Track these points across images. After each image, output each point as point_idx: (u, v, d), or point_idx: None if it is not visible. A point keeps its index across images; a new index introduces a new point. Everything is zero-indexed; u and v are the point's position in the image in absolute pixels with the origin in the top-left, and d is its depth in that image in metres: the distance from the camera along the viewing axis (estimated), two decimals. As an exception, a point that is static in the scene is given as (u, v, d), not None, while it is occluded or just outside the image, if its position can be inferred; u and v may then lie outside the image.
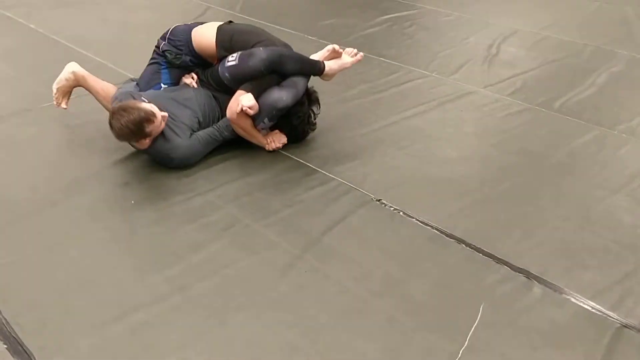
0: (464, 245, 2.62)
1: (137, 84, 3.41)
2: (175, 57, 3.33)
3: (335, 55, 3.38)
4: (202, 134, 3.18)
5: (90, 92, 3.46)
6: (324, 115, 3.48)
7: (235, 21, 3.46)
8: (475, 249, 2.60)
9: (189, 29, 3.35)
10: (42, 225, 2.69)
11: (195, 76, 3.40)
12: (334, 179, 3.09)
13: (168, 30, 3.40)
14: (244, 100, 3.06)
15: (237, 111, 3.07)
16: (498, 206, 2.92)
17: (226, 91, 3.24)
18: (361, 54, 3.43)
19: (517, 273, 2.47)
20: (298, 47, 3.40)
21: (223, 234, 2.67)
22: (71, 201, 2.87)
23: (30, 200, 2.85)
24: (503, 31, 5.44)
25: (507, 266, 2.51)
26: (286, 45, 3.31)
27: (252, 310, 2.25)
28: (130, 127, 2.85)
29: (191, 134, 3.15)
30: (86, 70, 3.47)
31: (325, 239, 2.63)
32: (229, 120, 3.18)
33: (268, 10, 5.98)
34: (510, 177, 3.16)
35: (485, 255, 2.56)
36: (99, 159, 3.21)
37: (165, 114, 3.00)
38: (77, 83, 3.45)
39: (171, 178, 3.07)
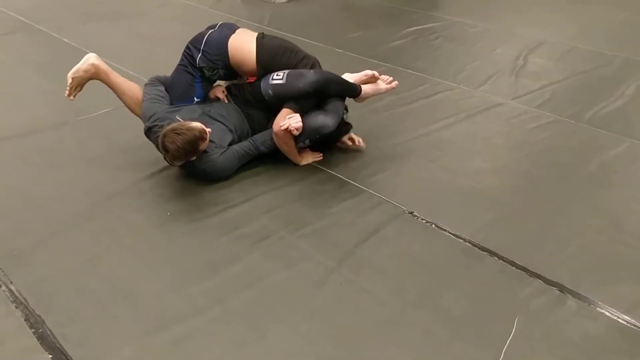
0: (496, 258, 2.64)
1: (165, 88, 3.36)
2: (213, 74, 3.31)
3: (372, 80, 3.43)
4: (237, 147, 3.23)
5: (111, 88, 3.36)
6: (355, 128, 3.51)
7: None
8: (508, 262, 2.61)
9: (224, 39, 3.28)
10: (82, 238, 2.76)
11: (225, 91, 3.42)
12: (365, 190, 3.12)
13: (202, 39, 3.30)
14: (292, 121, 3.10)
15: (284, 129, 3.11)
16: (530, 218, 2.92)
17: (262, 108, 3.29)
18: (396, 82, 3.48)
19: (551, 286, 2.48)
20: (325, 60, 3.46)
21: (258, 245, 2.71)
22: (110, 213, 2.94)
23: (71, 213, 2.93)
24: (530, 42, 5.44)
25: (541, 279, 2.52)
26: (316, 61, 3.36)
27: (290, 322, 2.28)
28: (186, 148, 2.90)
29: (226, 149, 3.20)
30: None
31: (359, 251, 2.66)
32: (272, 133, 3.20)
33: (295, 23, 6.05)
34: (542, 189, 3.17)
35: (518, 268, 2.58)
36: (135, 171, 3.28)
37: (209, 129, 3.05)
38: (96, 76, 3.32)
39: (205, 189, 3.13)
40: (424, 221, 2.88)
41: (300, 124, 3.10)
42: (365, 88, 3.39)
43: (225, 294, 2.41)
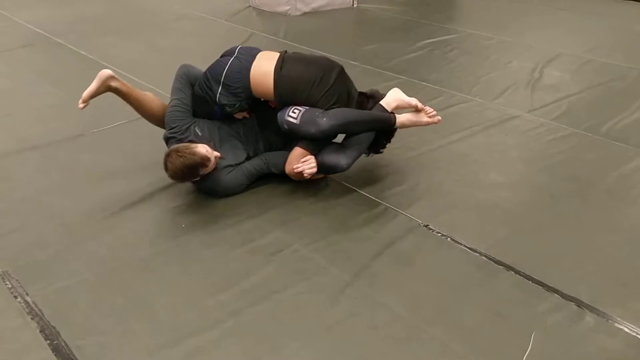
0: (513, 272, 2.61)
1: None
2: (234, 109, 3.21)
3: (414, 109, 3.19)
4: (248, 166, 3.21)
5: (126, 101, 3.36)
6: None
7: (280, 48, 3.39)
8: (525, 277, 2.58)
9: (246, 70, 3.12)
10: (98, 250, 2.77)
11: (248, 114, 3.35)
12: (380, 203, 3.11)
13: (222, 70, 3.15)
14: (306, 166, 3.05)
15: (296, 172, 3.09)
16: (547, 232, 2.90)
17: (279, 130, 3.20)
18: (439, 118, 3.24)
19: (568, 301, 2.45)
20: None
21: (272, 258, 2.71)
22: (125, 225, 2.95)
23: (87, 225, 2.94)
24: (546, 55, 5.42)
25: (558, 294, 2.49)
26: (341, 74, 3.18)
27: (305, 337, 2.27)
28: (184, 172, 2.94)
29: (235, 167, 3.19)
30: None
31: (374, 265, 2.65)
32: (285, 159, 3.18)
33: (311, 36, 6.08)
34: (559, 202, 3.14)
35: (536, 283, 2.55)
36: (149, 183, 3.29)
37: (218, 154, 3.04)
38: (109, 89, 3.28)
39: (219, 202, 3.14)
40: (439, 234, 2.86)
41: (313, 169, 3.05)
42: (403, 119, 3.16)
43: (239, 308, 2.40)
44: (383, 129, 3.19)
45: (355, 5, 7.37)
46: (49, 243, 2.81)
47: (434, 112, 3.22)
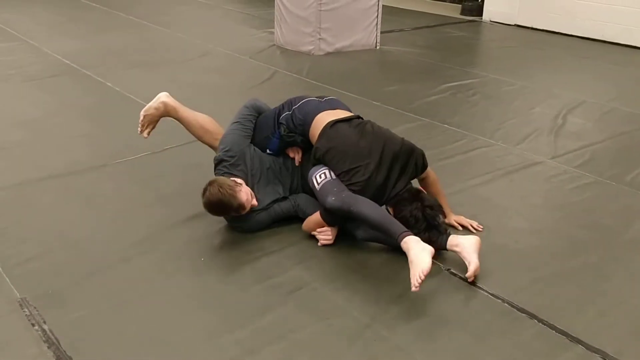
0: (536, 320, 2.56)
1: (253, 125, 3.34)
2: (287, 135, 3.22)
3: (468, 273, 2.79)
4: (277, 209, 3.19)
5: (182, 123, 3.45)
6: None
7: (302, 86, 3.40)
8: (548, 326, 2.53)
9: (315, 111, 3.17)
10: (115, 280, 2.76)
11: (300, 152, 3.31)
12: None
13: (299, 100, 3.27)
14: (322, 237, 3.05)
15: (312, 233, 3.10)
16: (570, 282, 2.84)
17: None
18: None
19: (593, 353, 2.39)
20: (362, 112, 3.38)
21: (291, 296, 2.68)
22: (144, 257, 2.94)
23: (105, 255, 2.94)
24: (569, 102, 5.41)
25: (582, 345, 2.42)
26: (382, 159, 2.96)
27: (321, 378, 2.23)
28: (218, 206, 2.95)
29: (264, 209, 3.17)
30: (160, 128, 3.56)
31: (394, 308, 2.61)
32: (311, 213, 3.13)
33: (333, 75, 6.13)
34: (582, 251, 3.09)
35: (559, 333, 2.49)
36: (170, 215, 3.29)
37: (255, 203, 3.04)
38: (166, 113, 3.42)
39: (239, 237, 3.13)
40: (461, 279, 2.81)
41: (329, 241, 3.04)
42: (411, 249, 2.65)
43: (256, 346, 2.37)
44: (386, 243, 2.99)
45: (377, 47, 7.45)
46: (67, 272, 2.80)
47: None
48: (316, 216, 3.04)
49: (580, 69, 6.89)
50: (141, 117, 3.41)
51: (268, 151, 3.30)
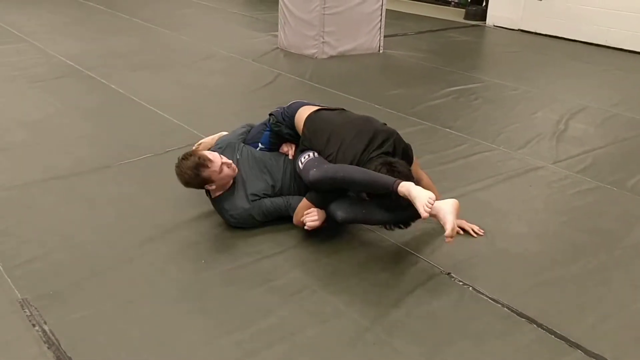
0: (535, 325, 2.56)
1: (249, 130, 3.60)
2: (275, 124, 3.39)
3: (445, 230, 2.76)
4: (268, 203, 3.22)
5: None
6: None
7: (305, 89, 3.48)
8: (547, 330, 2.53)
9: (303, 104, 3.39)
10: (117, 282, 2.77)
11: (293, 147, 3.43)
12: (402, 249, 3.09)
13: (293, 102, 3.47)
14: (307, 219, 3.04)
15: (300, 223, 3.11)
16: (571, 287, 2.84)
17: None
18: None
19: (592, 358, 2.39)
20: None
21: (291, 298, 2.69)
22: (145, 258, 2.95)
23: (107, 256, 2.95)
24: (571, 107, 5.41)
25: (581, 350, 2.43)
26: (359, 133, 3.07)
27: (320, 380, 2.23)
28: (188, 173, 3.06)
29: (257, 199, 3.21)
30: (163, 130, 3.58)
31: (393, 311, 2.61)
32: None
33: (336, 79, 6.14)
34: (583, 256, 3.09)
35: (558, 338, 2.49)
36: (172, 217, 3.31)
37: (230, 161, 3.15)
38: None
39: (240, 239, 3.13)
40: (461, 283, 2.82)
41: (315, 223, 3.03)
42: (410, 190, 2.73)
43: (256, 348, 2.37)
44: (382, 192, 2.87)
45: (381, 51, 7.46)
46: (68, 273, 2.82)
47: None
48: (303, 202, 3.08)
49: (583, 74, 6.88)
50: (197, 145, 3.66)
51: (261, 145, 3.45)
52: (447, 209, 2.77)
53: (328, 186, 2.94)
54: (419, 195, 2.70)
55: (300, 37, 7.14)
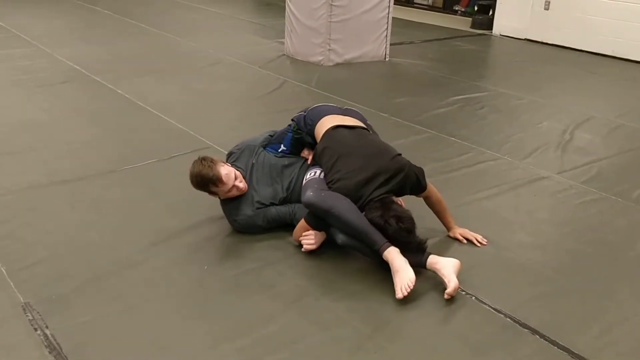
0: (538, 336, 2.55)
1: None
2: (296, 132, 3.40)
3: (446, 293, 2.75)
4: (274, 210, 3.23)
5: None
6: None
7: (311, 96, 3.47)
8: (550, 342, 2.51)
9: (325, 113, 3.34)
10: (121, 286, 2.77)
11: (312, 154, 3.36)
12: (404, 257, 3.08)
13: (318, 105, 3.47)
14: (305, 241, 3.03)
15: (298, 242, 3.10)
16: (574, 298, 2.83)
17: None
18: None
19: (595, 370, 2.38)
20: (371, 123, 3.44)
21: (293, 306, 2.68)
22: (149, 263, 2.95)
23: (109, 261, 2.96)
24: (577, 117, 5.40)
25: (584, 362, 2.42)
26: (366, 165, 2.99)
27: (321, 388, 2.23)
28: (197, 179, 3.11)
29: (263, 207, 3.22)
30: (168, 135, 3.58)
31: (395, 320, 2.61)
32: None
33: (341, 86, 6.15)
34: (587, 267, 3.08)
35: (561, 349, 2.48)
36: (176, 223, 3.31)
37: (242, 185, 3.16)
38: None
39: (243, 246, 3.14)
40: (463, 293, 2.81)
41: (311, 247, 3.01)
42: (395, 260, 2.75)
43: (258, 355, 2.37)
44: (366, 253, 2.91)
45: (387, 59, 7.47)
46: (72, 277, 2.82)
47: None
48: (301, 222, 3.06)
49: (589, 84, 6.87)
50: None
51: (283, 147, 3.43)
52: (451, 268, 2.78)
53: (321, 214, 2.91)
54: (400, 271, 2.70)
55: (306, 45, 7.16)
